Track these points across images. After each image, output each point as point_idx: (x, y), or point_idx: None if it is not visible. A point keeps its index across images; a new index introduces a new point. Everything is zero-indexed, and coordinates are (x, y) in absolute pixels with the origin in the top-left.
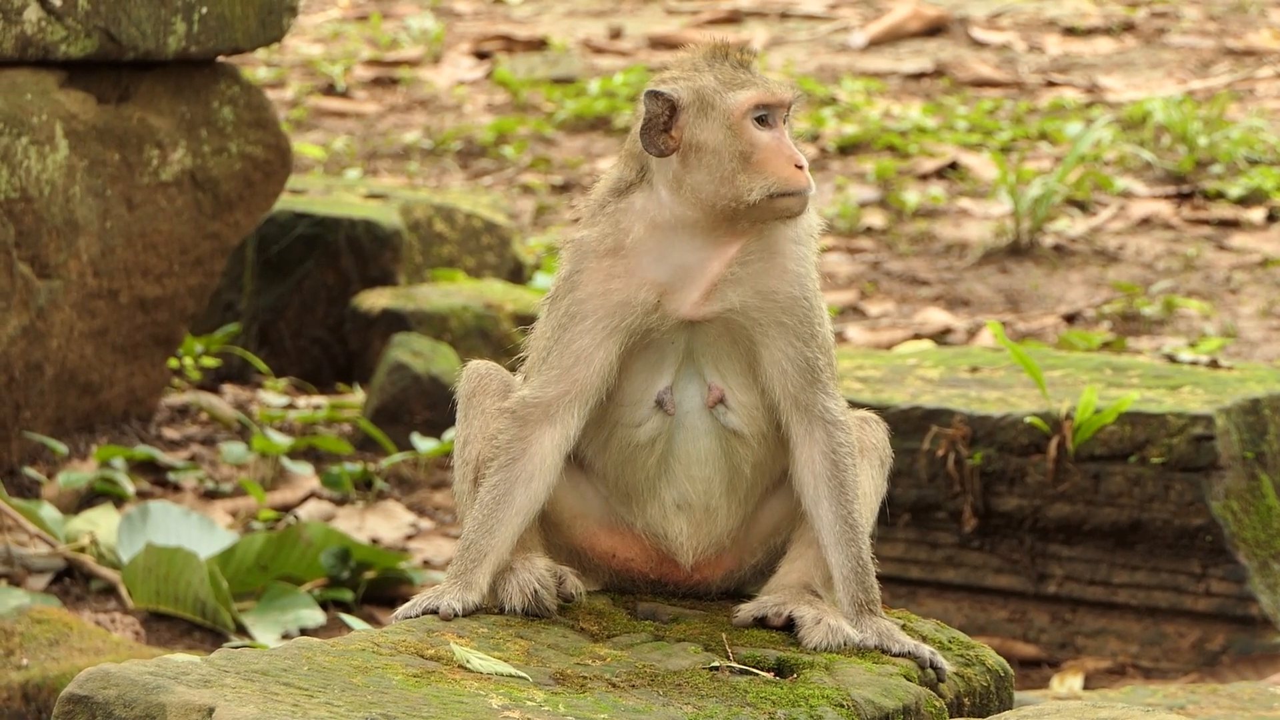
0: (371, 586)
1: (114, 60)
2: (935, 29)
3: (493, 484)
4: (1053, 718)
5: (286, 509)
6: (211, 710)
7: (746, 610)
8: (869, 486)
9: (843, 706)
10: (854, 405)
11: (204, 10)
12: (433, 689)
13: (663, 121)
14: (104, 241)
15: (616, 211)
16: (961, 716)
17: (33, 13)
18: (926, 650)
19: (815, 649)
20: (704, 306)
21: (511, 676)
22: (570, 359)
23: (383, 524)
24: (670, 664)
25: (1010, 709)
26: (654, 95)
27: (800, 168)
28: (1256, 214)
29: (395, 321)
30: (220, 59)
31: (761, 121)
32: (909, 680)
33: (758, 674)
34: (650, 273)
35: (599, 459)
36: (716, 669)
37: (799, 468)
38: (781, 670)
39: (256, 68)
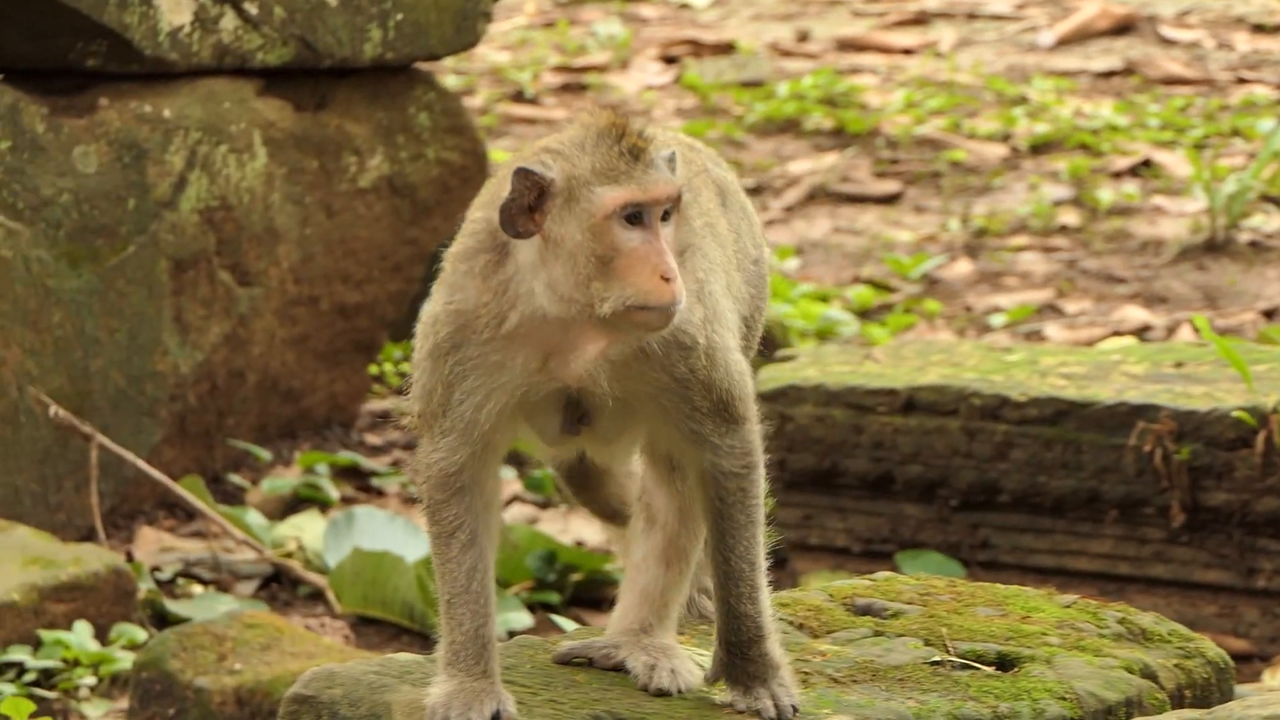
0: (578, 589)
1: (310, 68)
2: (1123, 27)
3: (467, 568)
4: (1277, 707)
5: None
6: None
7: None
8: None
9: (1065, 700)
10: (1056, 402)
11: (399, 17)
12: None
13: (529, 203)
14: (304, 249)
15: (492, 284)
16: (1182, 708)
17: (229, 21)
18: (771, 708)
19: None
20: (583, 381)
21: None
22: (465, 422)
23: (586, 526)
24: (891, 659)
25: (1231, 700)
26: (523, 173)
27: (668, 280)
28: None
29: None
30: (416, 65)
31: (633, 220)
32: (1130, 673)
33: (979, 668)
34: (531, 347)
35: None
36: (938, 663)
37: (699, 506)
38: (1003, 664)
39: (445, 76)
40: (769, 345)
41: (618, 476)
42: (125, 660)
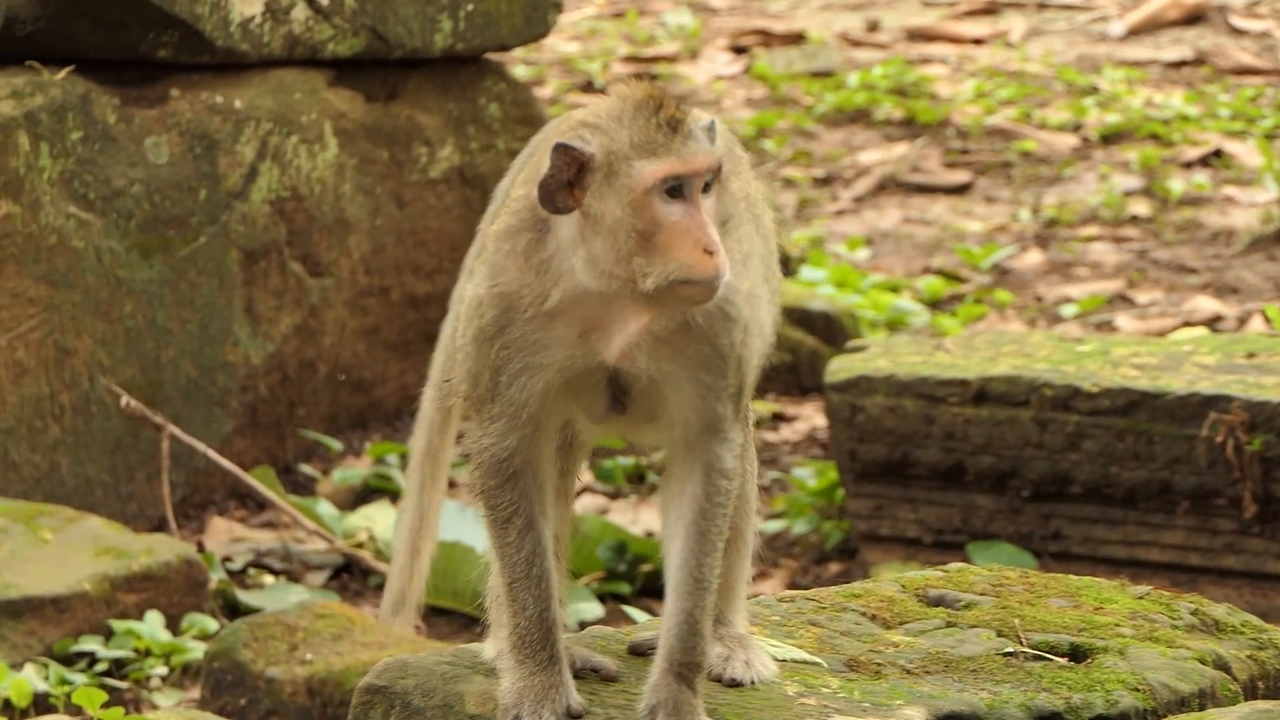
0: (648, 579)
1: (381, 59)
2: (1194, 17)
3: (526, 554)
4: None
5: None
6: None
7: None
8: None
9: (1138, 690)
10: (1128, 393)
11: (470, 7)
12: None
13: (568, 179)
14: (374, 239)
15: (534, 263)
16: (1255, 699)
17: (300, 12)
18: None
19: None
20: (622, 360)
21: (806, 663)
22: (514, 405)
23: (656, 517)
24: (963, 650)
25: None
26: (562, 149)
27: (710, 253)
28: None
29: None
30: (486, 56)
31: (674, 193)
32: (1203, 664)
33: (1052, 659)
34: (573, 324)
35: None
36: (1011, 654)
37: (667, 504)
38: (1076, 655)
39: (515, 66)
40: (840, 336)
41: None
42: (196, 650)
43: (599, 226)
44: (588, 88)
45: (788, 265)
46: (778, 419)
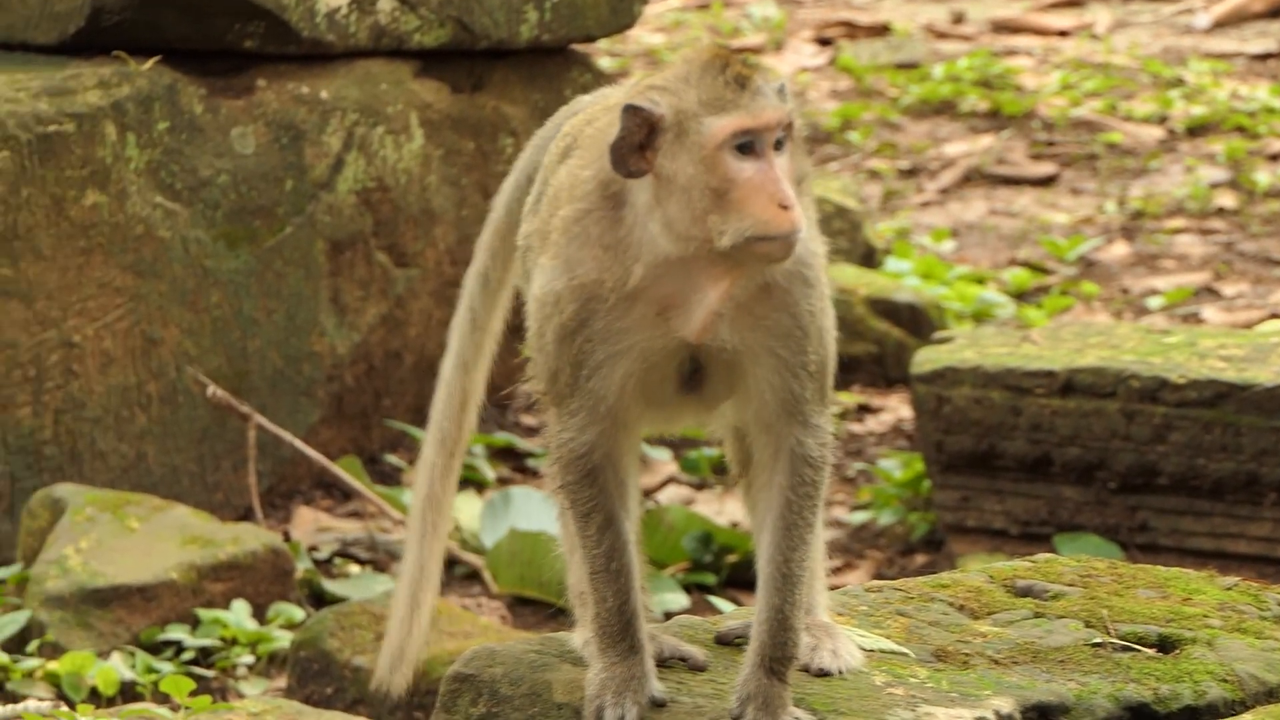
0: (733, 570)
1: (467, 49)
2: (1279, 9)
3: (606, 549)
4: None
5: (647, 494)
6: None
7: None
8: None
9: (1227, 682)
10: (1215, 384)
11: None
12: None
13: (639, 141)
14: (460, 230)
15: (613, 243)
16: None
17: (386, 2)
18: None
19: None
20: (704, 334)
21: (893, 653)
22: (593, 398)
23: (741, 508)
24: (1051, 640)
25: None
26: (632, 110)
27: (786, 208)
28: None
29: None
30: (571, 47)
31: (745, 150)
32: None
33: (1140, 650)
34: (655, 300)
35: None
36: (1099, 645)
37: (753, 493)
38: (1164, 646)
39: (600, 58)
40: (926, 327)
41: None
42: (283, 639)
43: (672, 187)
44: None
45: (872, 257)
46: (863, 410)
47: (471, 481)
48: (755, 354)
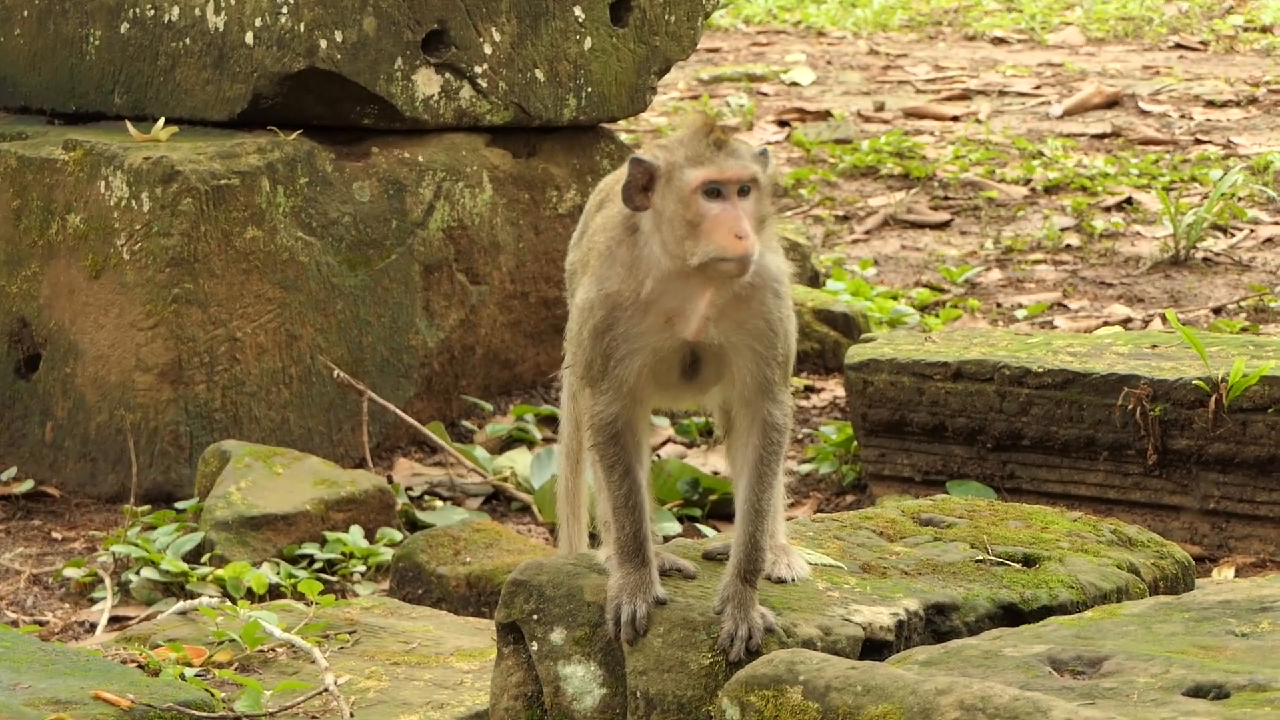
0: (715, 506)
1: (524, 126)
2: (1112, 102)
3: (624, 491)
4: (1229, 594)
5: (653, 450)
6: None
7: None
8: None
9: (1073, 588)
10: (1065, 373)
11: (589, 90)
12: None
13: (642, 184)
14: (518, 258)
15: (631, 262)
16: (1158, 595)
17: (466, 92)
18: (743, 632)
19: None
20: (700, 334)
21: (831, 567)
22: (620, 381)
23: (720, 461)
24: (946, 557)
25: (1193, 590)
26: (636, 161)
27: (741, 238)
28: None
29: None
30: (600, 125)
31: (713, 194)
32: (1120, 569)
33: (1010, 564)
34: (662, 311)
35: None
36: (980, 561)
37: (734, 450)
38: (1028, 561)
39: (621, 133)
40: (855, 330)
41: None
42: (387, 554)
43: (662, 219)
44: None
45: (817, 279)
46: (809, 390)
47: (524, 440)
48: (738, 349)
